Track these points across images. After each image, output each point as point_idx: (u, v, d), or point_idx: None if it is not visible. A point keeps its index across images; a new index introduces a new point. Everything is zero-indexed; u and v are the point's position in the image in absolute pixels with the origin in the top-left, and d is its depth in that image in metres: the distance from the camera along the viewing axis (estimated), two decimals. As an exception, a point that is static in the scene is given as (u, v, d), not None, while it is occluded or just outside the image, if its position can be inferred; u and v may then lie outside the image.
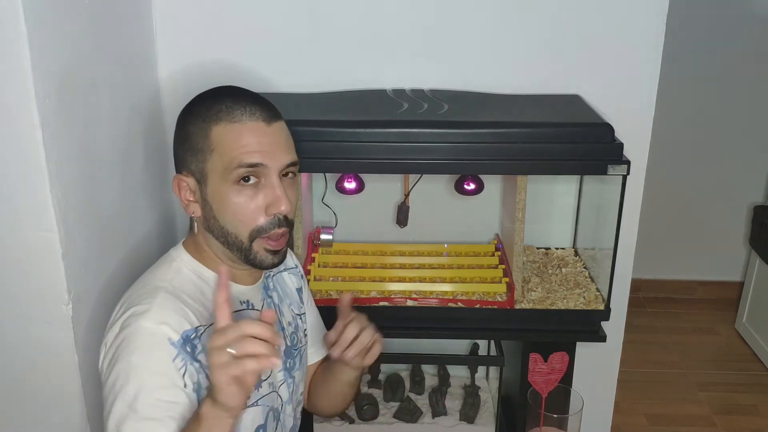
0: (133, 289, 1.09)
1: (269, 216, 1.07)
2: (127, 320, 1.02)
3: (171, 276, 1.09)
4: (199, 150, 1.07)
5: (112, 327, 1.04)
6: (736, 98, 3.08)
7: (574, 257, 1.73)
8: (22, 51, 1.00)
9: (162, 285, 1.07)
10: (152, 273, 1.12)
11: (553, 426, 1.39)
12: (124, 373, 0.99)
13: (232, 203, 1.06)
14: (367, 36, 1.59)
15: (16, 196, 1.07)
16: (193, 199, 1.10)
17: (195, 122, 1.08)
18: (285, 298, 1.27)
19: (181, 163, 1.11)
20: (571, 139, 1.40)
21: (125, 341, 1.00)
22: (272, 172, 1.07)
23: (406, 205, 1.68)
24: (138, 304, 1.03)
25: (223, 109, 1.07)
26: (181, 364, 1.01)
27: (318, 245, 1.66)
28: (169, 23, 1.56)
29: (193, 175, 1.09)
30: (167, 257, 1.14)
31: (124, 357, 0.99)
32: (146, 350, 1.00)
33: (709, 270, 3.37)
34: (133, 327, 1.01)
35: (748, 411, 2.63)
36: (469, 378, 1.86)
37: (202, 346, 1.04)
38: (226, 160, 1.05)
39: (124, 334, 1.01)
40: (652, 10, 1.56)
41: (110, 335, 1.04)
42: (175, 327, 1.02)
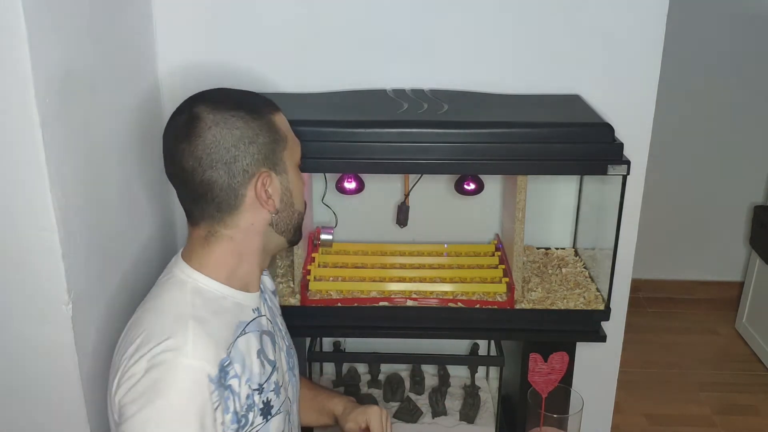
0: (150, 317, 1.05)
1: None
2: (162, 356, 0.98)
3: (190, 298, 1.06)
4: (275, 141, 1.08)
5: (140, 358, 0.99)
6: (736, 98, 3.08)
7: (574, 257, 1.73)
8: (22, 51, 1.00)
9: (187, 312, 1.03)
10: (167, 298, 1.07)
11: (553, 426, 1.39)
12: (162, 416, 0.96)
13: (300, 185, 1.16)
14: (367, 36, 1.59)
15: (16, 196, 1.07)
16: (270, 196, 1.09)
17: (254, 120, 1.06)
18: (270, 298, 1.28)
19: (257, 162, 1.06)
20: (571, 139, 1.40)
21: (163, 380, 0.97)
22: None
23: (406, 205, 1.68)
24: (171, 336, 1.00)
25: (261, 101, 1.11)
26: (216, 398, 1.00)
27: (318, 245, 1.66)
28: (169, 23, 1.56)
29: (273, 171, 1.08)
30: (175, 279, 1.09)
31: (162, 397, 0.96)
32: (187, 391, 0.97)
33: (709, 270, 3.37)
34: (171, 365, 0.97)
35: (748, 411, 2.63)
36: (469, 378, 1.86)
37: (233, 370, 1.03)
38: (295, 146, 1.13)
39: (159, 372, 0.97)
40: (652, 10, 1.56)
41: (140, 367, 0.98)
42: (213, 360, 1.00)
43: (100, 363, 1.23)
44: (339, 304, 1.51)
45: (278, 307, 1.32)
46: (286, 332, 1.28)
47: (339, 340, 1.85)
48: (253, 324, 1.12)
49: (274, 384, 1.12)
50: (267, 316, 1.18)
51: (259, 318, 1.15)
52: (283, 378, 1.18)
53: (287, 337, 1.28)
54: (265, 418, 1.10)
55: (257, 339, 1.11)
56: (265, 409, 1.10)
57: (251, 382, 1.07)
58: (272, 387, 1.12)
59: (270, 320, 1.19)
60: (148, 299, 1.10)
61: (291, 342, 1.29)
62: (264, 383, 1.10)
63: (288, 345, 1.25)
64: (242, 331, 1.09)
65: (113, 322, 1.27)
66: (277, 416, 1.12)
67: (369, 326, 1.54)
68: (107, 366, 1.23)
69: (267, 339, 1.14)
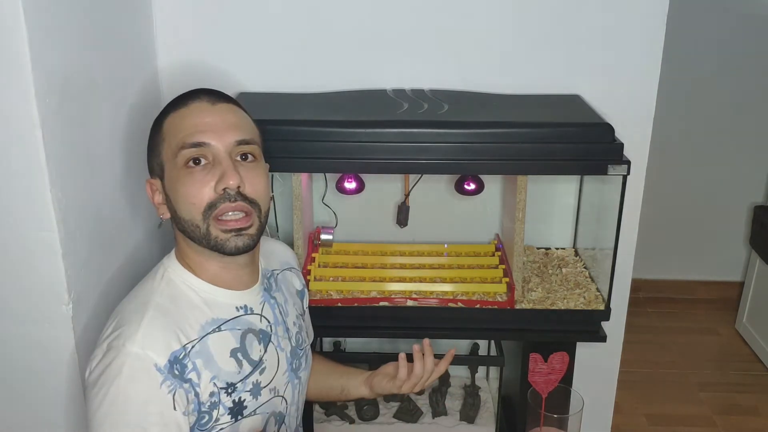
0: (125, 302, 1.08)
1: (218, 193, 1.03)
2: (114, 341, 1.00)
3: (162, 287, 1.07)
4: (155, 145, 1.09)
5: (101, 344, 1.02)
6: (736, 98, 3.08)
7: (574, 257, 1.73)
8: (22, 51, 1.00)
9: (151, 300, 1.05)
10: (144, 284, 1.10)
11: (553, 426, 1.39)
12: (111, 402, 0.97)
13: (183, 187, 1.04)
14: (367, 36, 1.59)
15: (16, 196, 1.07)
16: (162, 201, 1.10)
17: (154, 125, 1.11)
18: (289, 298, 1.26)
19: (150, 166, 1.12)
20: (571, 139, 1.40)
21: (112, 366, 0.98)
22: (220, 151, 1.04)
23: (406, 205, 1.68)
24: (126, 323, 1.01)
25: (172, 103, 1.10)
26: (170, 388, 1.00)
27: (318, 245, 1.66)
28: (169, 23, 1.56)
29: (157, 175, 1.09)
30: (159, 267, 1.12)
31: (112, 383, 0.98)
32: (133, 378, 0.98)
33: (709, 270, 3.37)
34: (119, 351, 0.99)
35: (749, 411, 2.63)
36: (469, 378, 1.86)
37: (192, 364, 1.02)
38: (174, 144, 1.05)
39: (110, 357, 0.99)
40: (652, 10, 1.56)
41: (99, 352, 1.02)
42: (162, 350, 1.00)
43: (100, 363, 1.23)
44: (339, 304, 1.51)
45: (299, 306, 1.30)
46: (298, 333, 1.25)
47: (339, 340, 1.85)
48: (232, 322, 1.10)
49: (251, 384, 1.10)
50: (263, 315, 1.15)
51: (246, 316, 1.12)
52: (273, 379, 1.15)
53: (299, 337, 1.25)
54: (235, 418, 1.08)
55: (235, 337, 1.09)
56: (236, 409, 1.08)
57: (217, 380, 1.05)
58: (248, 387, 1.10)
59: (268, 320, 1.16)
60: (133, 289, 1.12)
61: (303, 343, 1.27)
62: (237, 383, 1.08)
63: (295, 346, 1.23)
64: (216, 328, 1.07)
65: (113, 322, 1.27)
66: (250, 418, 1.10)
67: (369, 326, 1.54)
68: (107, 366, 1.23)
69: (252, 338, 1.12)
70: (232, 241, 1.05)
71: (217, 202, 1.04)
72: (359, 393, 1.33)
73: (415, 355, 1.23)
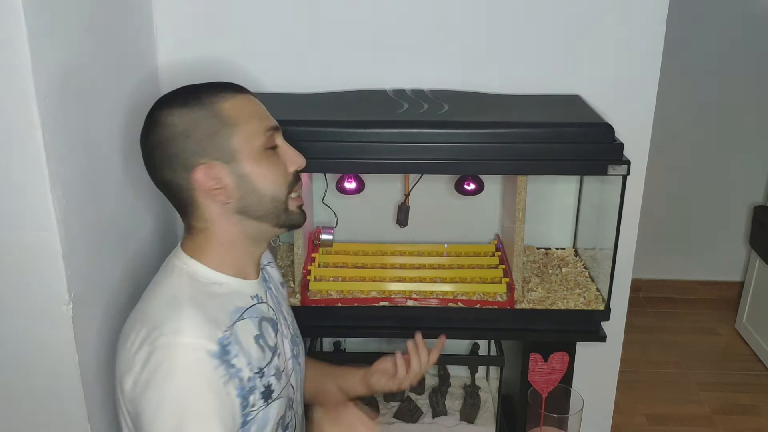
0: (147, 305, 1.07)
1: (291, 173, 1.12)
2: (159, 340, 0.99)
3: (185, 281, 1.08)
4: (215, 132, 1.05)
5: (140, 347, 1.01)
6: (736, 98, 3.08)
7: (574, 257, 1.73)
8: (22, 51, 1.00)
9: (180, 294, 1.05)
10: (163, 285, 1.09)
11: (553, 426, 1.39)
12: (172, 399, 0.98)
13: (270, 168, 1.09)
14: (367, 36, 1.59)
15: (16, 196, 1.07)
16: (220, 186, 1.07)
17: (190, 112, 1.06)
18: (277, 290, 1.29)
19: (194, 154, 1.05)
20: (571, 139, 1.40)
21: (164, 364, 0.98)
22: (279, 134, 1.13)
23: (406, 205, 1.68)
24: (164, 320, 1.01)
25: (211, 90, 1.08)
26: (223, 373, 1.02)
27: (318, 245, 1.66)
28: (169, 23, 1.56)
29: (219, 160, 1.06)
30: (172, 266, 1.11)
31: (168, 380, 0.98)
32: (190, 370, 0.99)
33: (709, 270, 3.37)
34: (169, 347, 0.99)
35: (749, 411, 2.63)
36: (469, 378, 1.86)
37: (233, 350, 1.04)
38: (255, 127, 1.08)
39: (160, 356, 0.98)
40: (652, 10, 1.56)
41: (139, 358, 1.00)
42: (211, 337, 1.01)
43: (100, 363, 1.23)
44: (339, 304, 1.51)
45: (286, 298, 1.33)
46: (292, 321, 1.28)
47: (339, 340, 1.85)
48: (251, 310, 1.12)
49: (274, 369, 1.13)
50: (269, 304, 1.19)
51: (259, 305, 1.15)
52: (285, 364, 1.18)
53: (293, 326, 1.28)
54: (266, 402, 1.10)
55: (255, 325, 1.12)
56: (266, 393, 1.10)
57: (252, 366, 1.08)
58: (273, 371, 1.12)
59: (272, 308, 1.19)
60: (146, 291, 1.11)
61: (298, 331, 1.30)
62: (264, 367, 1.10)
63: (294, 334, 1.26)
64: (240, 316, 1.09)
65: (113, 322, 1.27)
66: (278, 401, 1.13)
67: (369, 326, 1.54)
68: (107, 366, 1.23)
69: (267, 325, 1.15)
70: (300, 217, 1.16)
71: (294, 182, 1.14)
72: (356, 392, 1.34)
73: (411, 351, 1.28)
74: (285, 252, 1.73)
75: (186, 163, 1.06)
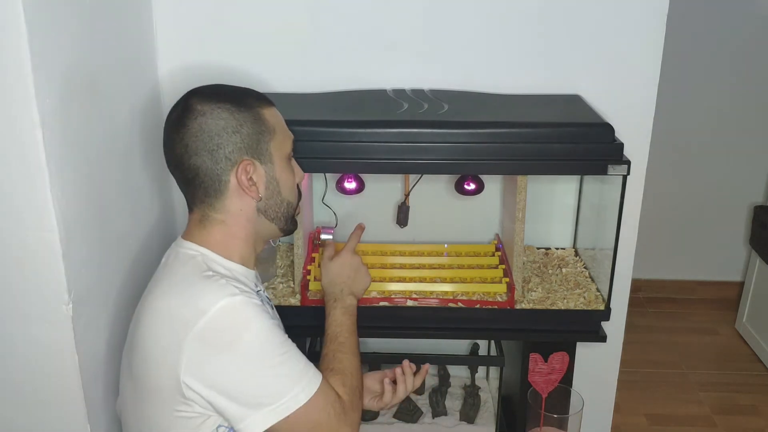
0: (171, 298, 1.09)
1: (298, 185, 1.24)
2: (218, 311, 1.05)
3: (202, 265, 1.12)
4: (260, 132, 1.14)
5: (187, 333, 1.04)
6: (736, 98, 3.08)
7: (574, 257, 1.73)
8: (22, 51, 1.00)
9: (210, 274, 1.10)
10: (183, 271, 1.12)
11: (553, 426, 1.39)
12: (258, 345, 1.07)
13: (291, 177, 1.21)
14: (367, 36, 1.59)
15: (16, 196, 1.07)
16: (255, 183, 1.14)
17: (239, 111, 1.13)
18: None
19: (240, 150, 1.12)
20: (571, 139, 1.40)
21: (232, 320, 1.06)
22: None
23: (406, 205, 1.68)
24: (201, 293, 1.07)
25: (254, 95, 1.18)
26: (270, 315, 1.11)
27: (318, 245, 1.66)
28: (169, 23, 1.56)
29: (259, 160, 1.14)
30: (183, 255, 1.15)
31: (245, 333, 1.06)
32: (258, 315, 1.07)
33: (709, 270, 3.37)
34: (226, 308, 1.05)
35: (749, 411, 2.63)
36: (469, 378, 1.86)
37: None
38: (283, 138, 1.18)
39: (222, 319, 1.05)
40: (652, 10, 1.56)
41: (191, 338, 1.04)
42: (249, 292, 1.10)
43: (100, 363, 1.23)
44: (339, 304, 1.51)
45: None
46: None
47: (339, 340, 1.85)
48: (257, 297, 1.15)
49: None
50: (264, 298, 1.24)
51: (262, 293, 1.24)
52: None
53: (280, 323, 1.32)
54: None
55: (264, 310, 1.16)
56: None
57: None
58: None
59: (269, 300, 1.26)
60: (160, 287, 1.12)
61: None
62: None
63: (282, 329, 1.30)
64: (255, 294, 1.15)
65: (113, 322, 1.27)
66: None
67: (369, 326, 1.54)
68: (107, 366, 1.23)
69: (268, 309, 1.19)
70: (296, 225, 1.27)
71: (299, 191, 1.26)
72: None
73: (398, 378, 1.34)
74: (285, 252, 1.73)
75: (231, 156, 1.12)
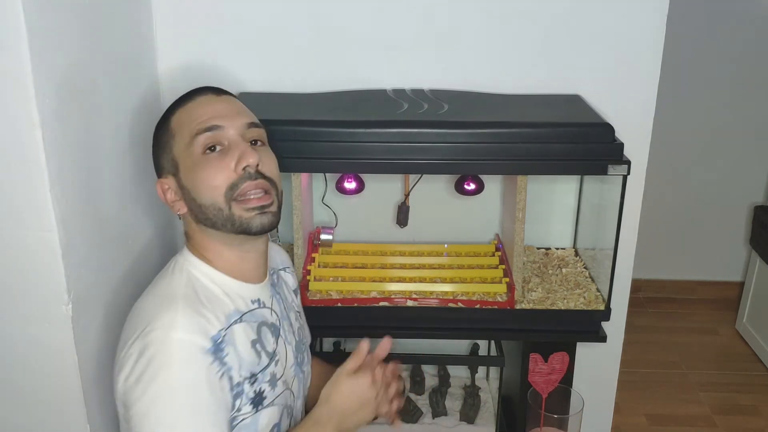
0: (146, 301, 1.08)
1: (239, 173, 1.06)
2: (152, 335, 1.00)
3: (183, 280, 1.08)
4: (165, 143, 1.11)
5: (133, 343, 1.01)
6: (736, 98, 3.08)
7: (574, 257, 1.73)
8: (22, 51, 1.00)
9: (176, 292, 1.06)
10: (163, 281, 1.10)
11: (553, 426, 1.39)
12: (167, 392, 0.98)
13: (203, 172, 1.06)
14: (367, 36, 1.59)
15: (16, 196, 1.07)
16: (176, 198, 1.11)
17: (159, 125, 1.14)
18: (288, 296, 1.29)
19: (158, 167, 1.14)
20: (571, 139, 1.40)
21: (158, 357, 0.98)
22: (233, 134, 1.08)
23: (406, 205, 1.68)
24: (158, 316, 1.02)
25: (177, 101, 1.13)
26: (218, 369, 1.02)
27: (318, 245, 1.66)
28: (169, 23, 1.56)
29: (169, 173, 1.11)
30: (175, 263, 1.13)
31: (162, 373, 0.98)
32: (185, 363, 0.99)
33: (709, 270, 3.37)
34: (162, 342, 0.99)
35: (749, 411, 2.63)
36: (469, 378, 1.86)
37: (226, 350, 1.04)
38: (186, 135, 1.08)
39: (153, 350, 0.99)
40: (652, 10, 1.56)
41: (134, 350, 1.01)
42: (204, 334, 1.02)
43: (100, 363, 1.23)
44: (339, 304, 1.51)
45: (298, 304, 1.34)
46: (300, 329, 1.28)
47: (339, 340, 1.85)
48: (249, 314, 1.12)
49: (269, 375, 1.12)
50: (273, 309, 1.18)
51: (260, 309, 1.15)
52: (285, 372, 1.18)
53: (301, 333, 1.28)
54: (256, 408, 1.09)
55: (253, 329, 1.12)
56: (257, 399, 1.09)
57: (242, 369, 1.07)
58: (267, 378, 1.12)
59: (277, 314, 1.19)
60: (147, 288, 1.12)
61: (305, 339, 1.31)
62: (258, 373, 1.10)
63: (299, 341, 1.26)
64: (238, 318, 1.09)
65: (113, 322, 1.27)
66: (269, 408, 1.12)
67: (369, 326, 1.54)
68: (107, 366, 1.23)
69: (267, 331, 1.14)
70: (257, 219, 1.07)
71: (239, 182, 1.06)
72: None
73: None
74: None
75: (157, 172, 1.14)
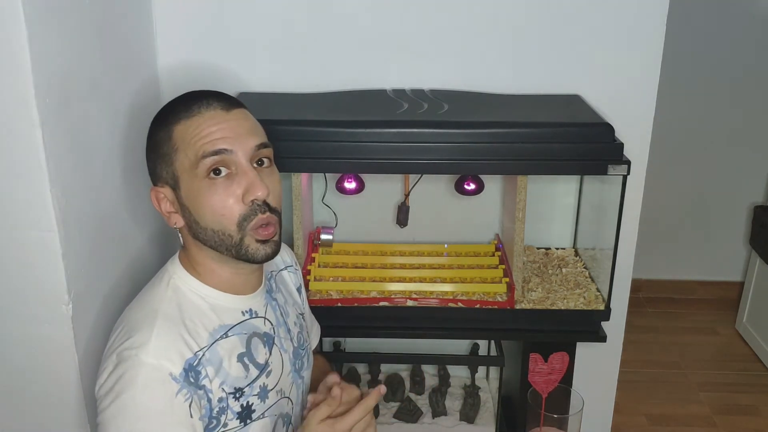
0: (133, 310, 1.07)
1: (247, 204, 1.03)
2: (126, 352, 0.99)
3: (168, 295, 1.07)
4: (166, 154, 1.05)
5: (113, 353, 1.01)
6: (736, 98, 3.08)
7: (574, 257, 1.73)
8: (22, 51, 1.00)
9: (159, 308, 1.04)
10: (149, 292, 1.09)
11: (553, 426, 1.39)
12: (126, 412, 0.97)
13: (208, 200, 1.03)
14: (367, 36, 1.59)
15: (16, 196, 1.07)
16: (173, 210, 1.08)
17: (158, 129, 1.07)
18: (288, 298, 1.27)
19: (154, 174, 1.09)
20: (571, 139, 1.40)
21: (125, 376, 0.98)
22: (241, 159, 1.03)
23: (406, 205, 1.68)
24: (137, 332, 1.01)
25: (180, 108, 1.05)
26: (186, 397, 1.00)
27: (318, 245, 1.66)
28: (169, 23, 1.56)
29: (167, 184, 1.07)
30: (164, 273, 1.11)
31: (126, 393, 0.97)
32: (148, 389, 0.97)
33: (709, 270, 3.37)
34: (132, 362, 0.98)
35: (749, 411, 2.63)
36: (469, 378, 1.86)
37: (204, 371, 1.03)
38: (191, 154, 1.02)
39: (124, 368, 0.98)
40: (652, 10, 1.56)
41: (109, 363, 1.01)
42: (176, 359, 1.00)
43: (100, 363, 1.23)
44: (339, 304, 1.51)
45: (299, 306, 1.31)
46: (299, 333, 1.25)
47: (339, 340, 1.85)
48: (238, 327, 1.10)
49: (258, 388, 1.10)
50: (267, 318, 1.16)
51: (251, 320, 1.13)
52: (279, 381, 1.15)
53: (300, 338, 1.25)
54: (244, 422, 1.08)
55: (242, 342, 1.10)
56: (244, 413, 1.08)
57: (225, 385, 1.05)
58: (256, 391, 1.10)
59: (271, 322, 1.17)
60: (138, 294, 1.11)
61: (305, 343, 1.27)
62: (245, 387, 1.08)
63: (297, 346, 1.23)
64: (224, 334, 1.08)
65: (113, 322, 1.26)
66: (259, 421, 1.10)
67: (369, 326, 1.54)
68: (107, 366, 1.23)
69: (257, 341, 1.12)
70: (262, 250, 1.06)
71: (251, 214, 1.04)
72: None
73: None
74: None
75: (152, 177, 1.10)
